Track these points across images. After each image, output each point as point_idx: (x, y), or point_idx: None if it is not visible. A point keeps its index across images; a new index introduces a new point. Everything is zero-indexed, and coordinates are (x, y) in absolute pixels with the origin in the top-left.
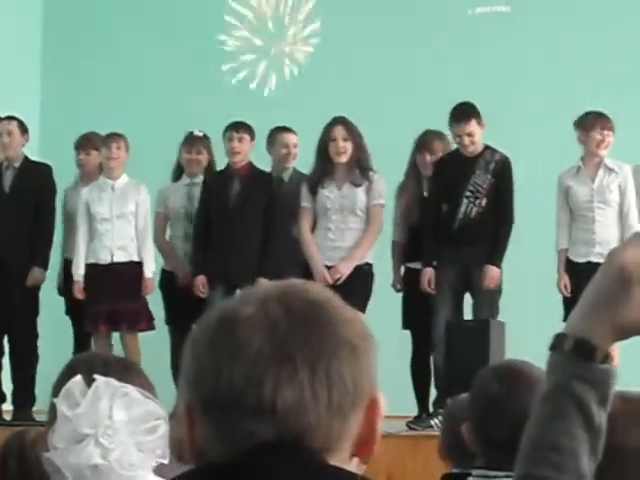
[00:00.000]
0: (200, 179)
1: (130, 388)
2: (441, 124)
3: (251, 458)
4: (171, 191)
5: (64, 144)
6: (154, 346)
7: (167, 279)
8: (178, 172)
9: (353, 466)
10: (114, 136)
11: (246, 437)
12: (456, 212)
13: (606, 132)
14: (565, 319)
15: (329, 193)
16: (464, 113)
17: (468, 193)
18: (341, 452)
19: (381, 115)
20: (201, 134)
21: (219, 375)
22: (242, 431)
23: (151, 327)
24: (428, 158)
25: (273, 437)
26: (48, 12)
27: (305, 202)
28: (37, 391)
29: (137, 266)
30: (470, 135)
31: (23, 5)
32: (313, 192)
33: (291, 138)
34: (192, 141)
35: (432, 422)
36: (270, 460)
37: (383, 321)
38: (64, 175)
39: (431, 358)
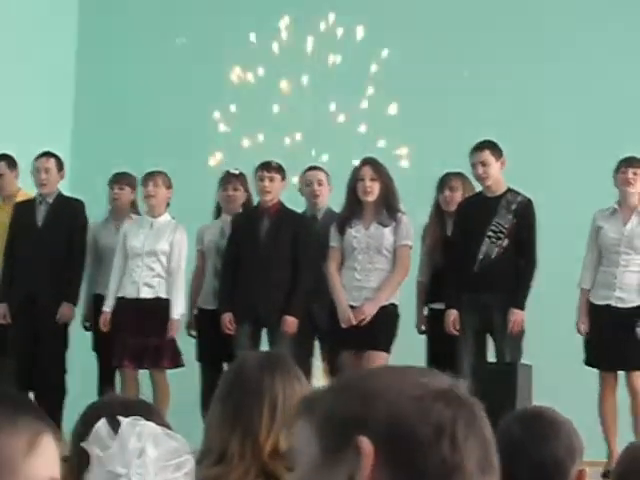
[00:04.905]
0: None
1: (154, 425)
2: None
3: None
4: (207, 228)
5: (93, 181)
6: (185, 383)
7: (202, 316)
8: (218, 210)
9: None
10: (151, 174)
11: None
12: (477, 252)
13: (632, 170)
14: (586, 361)
15: (356, 233)
16: (479, 144)
17: (490, 233)
18: None
19: None
20: (237, 172)
21: None
22: None
23: (176, 365)
24: (448, 193)
25: None
26: (81, 48)
27: (333, 242)
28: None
29: (164, 303)
30: (484, 165)
31: (57, 41)
32: (341, 231)
33: (315, 175)
34: (228, 179)
35: None
36: None
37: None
38: (92, 211)
39: None
